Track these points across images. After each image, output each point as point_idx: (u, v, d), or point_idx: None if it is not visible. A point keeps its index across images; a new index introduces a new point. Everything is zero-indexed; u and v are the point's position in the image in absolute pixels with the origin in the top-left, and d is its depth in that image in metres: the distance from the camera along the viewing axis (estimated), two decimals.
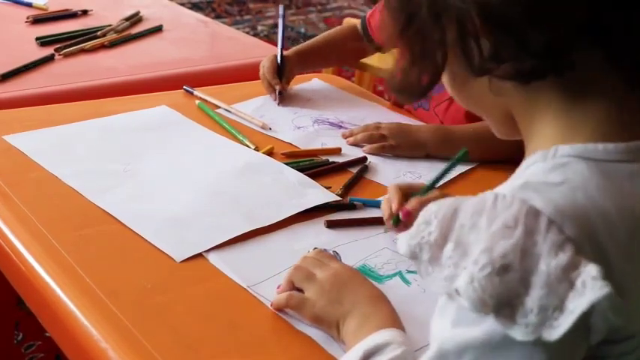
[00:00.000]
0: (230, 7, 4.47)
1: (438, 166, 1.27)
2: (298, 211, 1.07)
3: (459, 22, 0.60)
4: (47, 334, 1.84)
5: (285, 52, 1.48)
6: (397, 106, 1.51)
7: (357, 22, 1.58)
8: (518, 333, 0.53)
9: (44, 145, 1.20)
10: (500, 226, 0.54)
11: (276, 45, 1.93)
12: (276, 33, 4.03)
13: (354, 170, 1.24)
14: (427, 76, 0.65)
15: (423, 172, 1.26)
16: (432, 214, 0.58)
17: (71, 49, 1.65)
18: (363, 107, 1.47)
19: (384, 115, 1.45)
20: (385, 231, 1.00)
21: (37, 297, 0.94)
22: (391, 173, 1.26)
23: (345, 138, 1.34)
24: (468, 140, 1.29)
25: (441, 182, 1.06)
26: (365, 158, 1.28)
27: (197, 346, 0.82)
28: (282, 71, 1.46)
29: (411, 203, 0.97)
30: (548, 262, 0.53)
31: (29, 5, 1.90)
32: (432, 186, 1.02)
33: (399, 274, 0.97)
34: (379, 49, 1.55)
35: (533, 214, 0.54)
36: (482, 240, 0.55)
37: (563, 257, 0.53)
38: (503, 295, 0.53)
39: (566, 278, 0.53)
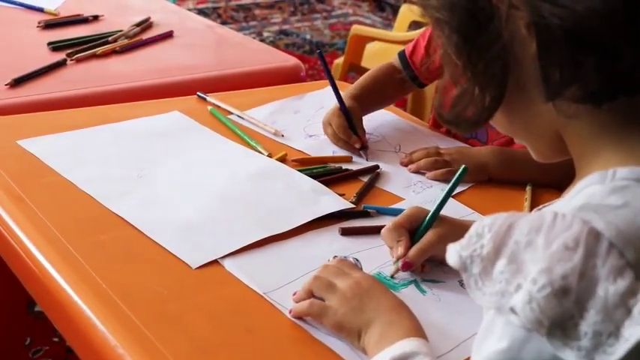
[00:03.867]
0: (236, 13, 4.48)
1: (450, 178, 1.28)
2: (312, 219, 1.08)
3: (541, 39, 0.58)
4: (55, 339, 1.84)
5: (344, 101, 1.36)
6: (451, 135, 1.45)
7: (392, 60, 1.50)
8: (570, 355, 0.53)
9: (58, 150, 1.20)
10: (560, 247, 0.53)
11: (283, 50, 1.95)
12: (282, 39, 4.06)
13: (364, 178, 1.24)
14: (488, 101, 0.63)
15: (433, 182, 1.26)
16: (486, 227, 0.57)
17: (83, 54, 1.65)
18: (375, 115, 1.47)
19: (396, 124, 1.46)
20: (391, 276, 0.98)
21: (52, 302, 0.93)
22: (402, 182, 1.26)
23: (405, 165, 1.30)
24: (531, 164, 1.25)
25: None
26: (377, 166, 1.28)
27: (214, 352, 0.82)
28: (353, 124, 1.34)
29: (412, 254, 0.97)
30: (606, 288, 0.52)
31: (40, 10, 1.90)
32: (435, 214, 1.00)
33: (415, 282, 0.98)
34: (421, 85, 1.50)
35: (594, 236, 0.54)
36: (539, 259, 0.54)
37: (622, 283, 0.52)
38: (558, 317, 0.53)
39: (623, 305, 0.52)
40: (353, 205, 1.14)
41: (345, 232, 1.06)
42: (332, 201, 1.14)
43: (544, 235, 0.55)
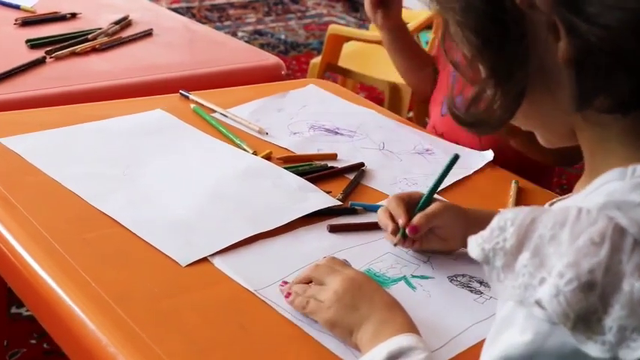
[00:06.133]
0: (210, 12, 4.46)
1: (434, 174, 1.29)
2: (300, 216, 1.07)
3: (576, 54, 0.58)
4: (32, 341, 1.82)
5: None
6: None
7: None
8: (594, 349, 0.54)
9: (41, 148, 1.18)
10: (587, 241, 0.54)
11: (263, 49, 1.94)
12: (257, 39, 4.04)
13: (350, 176, 1.24)
14: (509, 103, 0.63)
15: (419, 180, 1.27)
16: (508, 220, 0.58)
17: (62, 51, 1.63)
18: (359, 114, 1.48)
19: (380, 121, 1.46)
20: (395, 244, 0.99)
21: (40, 302, 0.92)
22: (387, 179, 1.26)
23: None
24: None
25: (439, 189, 1.06)
26: (362, 164, 1.28)
27: (208, 350, 0.82)
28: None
29: (417, 219, 0.98)
30: (632, 283, 0.53)
31: (17, 8, 1.87)
32: (430, 195, 1.02)
33: (404, 278, 0.98)
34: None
35: (620, 232, 0.54)
36: (564, 253, 0.54)
37: None
38: (583, 311, 0.53)
39: None
40: (340, 203, 1.14)
41: (334, 229, 1.06)
42: (319, 198, 1.13)
43: (569, 230, 0.55)
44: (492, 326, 0.60)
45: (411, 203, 1.02)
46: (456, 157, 1.04)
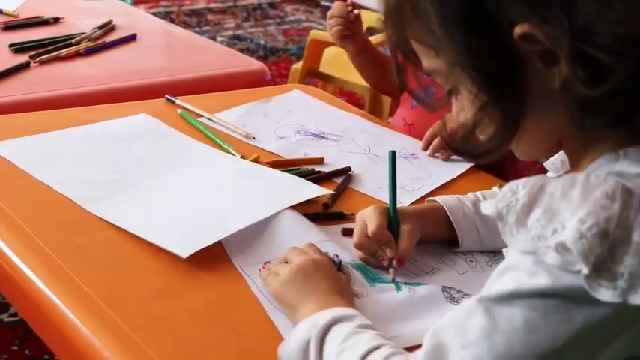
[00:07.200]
0: (189, 18, 4.45)
1: (422, 176, 1.30)
2: (297, 202, 1.09)
3: (591, 80, 0.62)
4: (14, 348, 1.80)
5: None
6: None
7: None
8: (605, 295, 0.58)
9: (29, 153, 1.18)
10: (602, 195, 0.59)
11: (245, 54, 1.95)
12: (236, 44, 4.04)
13: (337, 180, 1.26)
14: (506, 133, 0.67)
15: (405, 184, 1.28)
16: (520, 184, 0.63)
17: (47, 56, 1.63)
18: (344, 118, 1.49)
19: (365, 126, 1.47)
20: (393, 280, 0.99)
21: (32, 307, 0.92)
22: (375, 183, 1.27)
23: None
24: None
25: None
26: (349, 168, 1.29)
27: (201, 353, 0.82)
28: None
29: (403, 251, 0.99)
30: None
31: None
32: (394, 204, 1.03)
33: (395, 282, 0.98)
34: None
35: (627, 191, 0.60)
36: (576, 207, 0.59)
37: None
38: (596, 257, 0.58)
39: None
40: (332, 192, 1.17)
41: (347, 233, 1.07)
42: (313, 188, 1.16)
43: (580, 188, 0.60)
44: (492, 274, 0.65)
45: (387, 223, 1.02)
46: (394, 154, 1.07)
